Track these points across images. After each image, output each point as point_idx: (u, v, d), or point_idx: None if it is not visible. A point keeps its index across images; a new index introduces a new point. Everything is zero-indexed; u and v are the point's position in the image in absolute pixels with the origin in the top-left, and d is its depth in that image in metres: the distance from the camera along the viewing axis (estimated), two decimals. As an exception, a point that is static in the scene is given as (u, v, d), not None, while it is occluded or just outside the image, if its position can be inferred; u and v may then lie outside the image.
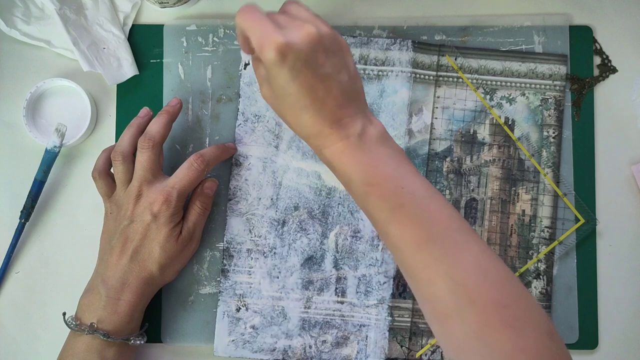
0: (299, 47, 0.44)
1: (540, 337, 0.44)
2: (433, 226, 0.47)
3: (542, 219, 0.61)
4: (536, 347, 0.43)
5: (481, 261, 0.46)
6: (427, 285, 0.46)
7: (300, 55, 0.44)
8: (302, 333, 0.60)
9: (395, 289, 0.60)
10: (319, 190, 0.61)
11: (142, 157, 0.56)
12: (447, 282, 0.45)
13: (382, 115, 0.61)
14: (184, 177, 0.56)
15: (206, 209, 0.58)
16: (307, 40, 0.45)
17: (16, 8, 0.62)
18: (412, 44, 0.61)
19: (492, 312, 0.44)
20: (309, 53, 0.45)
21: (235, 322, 0.60)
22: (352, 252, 0.60)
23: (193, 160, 0.56)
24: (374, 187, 0.47)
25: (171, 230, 0.55)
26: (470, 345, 0.44)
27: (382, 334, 0.60)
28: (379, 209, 0.48)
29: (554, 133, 0.61)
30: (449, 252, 0.46)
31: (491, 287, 0.45)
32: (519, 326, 0.44)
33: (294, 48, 0.44)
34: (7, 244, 0.61)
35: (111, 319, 0.54)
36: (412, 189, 0.48)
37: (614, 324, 0.61)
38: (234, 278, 0.60)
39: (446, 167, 0.61)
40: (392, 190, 0.47)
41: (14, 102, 0.62)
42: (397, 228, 0.47)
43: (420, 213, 0.47)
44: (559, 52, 0.62)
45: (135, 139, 0.57)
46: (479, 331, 0.44)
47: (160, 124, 0.57)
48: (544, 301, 0.60)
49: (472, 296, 0.44)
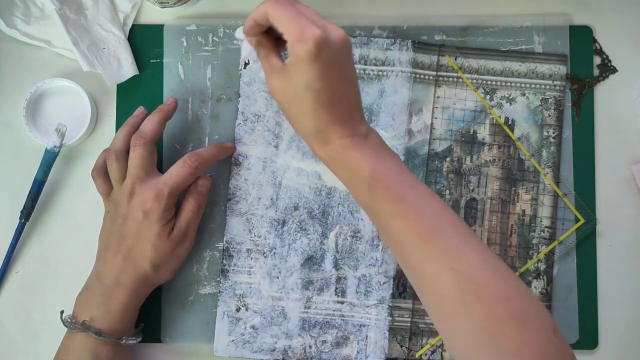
0: (335, 45, 0.45)
1: (545, 332, 0.44)
2: (435, 221, 0.47)
3: (542, 219, 0.61)
4: (541, 341, 0.43)
5: (484, 256, 0.46)
6: (432, 279, 0.46)
7: (333, 53, 0.45)
8: (302, 333, 0.60)
9: (395, 289, 0.60)
10: (319, 190, 0.61)
11: (134, 154, 0.56)
12: (453, 276, 0.45)
13: (382, 115, 0.61)
14: (176, 174, 0.55)
15: (200, 206, 0.58)
16: (342, 40, 0.46)
17: (16, 8, 0.62)
18: (412, 44, 0.61)
19: (498, 306, 0.44)
20: (340, 53, 0.46)
21: (235, 322, 0.60)
22: (352, 252, 0.60)
23: (187, 158, 0.56)
24: (379, 180, 0.48)
25: (162, 228, 0.55)
26: (476, 340, 0.44)
27: (382, 334, 0.60)
28: (384, 202, 0.48)
29: (554, 133, 0.61)
30: (454, 247, 0.46)
31: (496, 281, 0.45)
32: (525, 320, 0.44)
33: (330, 45, 0.45)
34: (7, 244, 0.61)
35: (104, 318, 0.54)
36: (413, 187, 0.49)
37: (614, 324, 0.61)
38: (233, 278, 0.60)
39: (446, 167, 0.61)
40: (395, 185, 0.48)
41: (14, 102, 0.62)
42: (401, 221, 0.47)
43: (424, 207, 0.48)
44: (559, 52, 0.62)
45: (129, 138, 0.57)
46: (486, 325, 0.44)
47: (154, 122, 0.57)
48: (544, 301, 0.60)
49: (478, 290, 0.45)
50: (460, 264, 0.45)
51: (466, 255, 0.46)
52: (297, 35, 0.45)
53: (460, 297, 0.45)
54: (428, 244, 0.46)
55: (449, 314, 0.46)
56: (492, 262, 0.46)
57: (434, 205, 0.48)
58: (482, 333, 0.44)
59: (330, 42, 0.45)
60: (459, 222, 0.48)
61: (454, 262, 0.45)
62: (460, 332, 0.45)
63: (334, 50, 0.45)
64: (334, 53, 0.45)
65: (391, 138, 0.61)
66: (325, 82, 0.46)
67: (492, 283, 0.45)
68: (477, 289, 0.45)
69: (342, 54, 0.46)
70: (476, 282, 0.45)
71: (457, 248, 0.46)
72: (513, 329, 0.43)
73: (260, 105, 0.61)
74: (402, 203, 0.48)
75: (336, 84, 0.47)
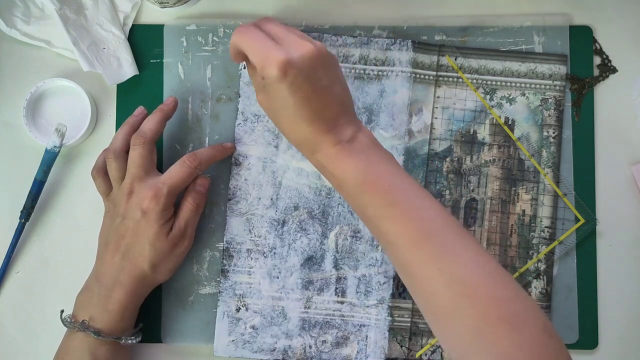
0: (300, 64, 0.47)
1: (537, 334, 0.44)
2: (427, 223, 0.47)
3: (542, 219, 0.61)
4: (533, 343, 0.43)
5: (477, 258, 0.46)
6: (424, 282, 0.47)
7: (300, 72, 0.47)
8: (302, 333, 0.60)
9: (395, 289, 0.60)
10: (318, 190, 0.61)
11: (133, 153, 0.56)
12: (444, 278, 0.45)
13: (382, 115, 0.61)
14: (175, 174, 0.56)
15: (198, 205, 0.58)
16: (307, 57, 0.47)
17: (16, 8, 0.62)
18: (412, 44, 0.61)
19: (490, 307, 0.44)
20: (308, 69, 0.47)
21: (235, 322, 0.60)
22: (352, 252, 0.60)
23: (185, 158, 0.56)
24: (367, 185, 0.49)
25: (161, 227, 0.55)
26: (468, 341, 0.44)
27: (382, 334, 0.59)
28: (373, 206, 0.48)
29: (554, 133, 0.61)
30: (445, 249, 0.46)
31: (489, 283, 0.45)
32: (516, 322, 0.44)
33: (294, 65, 0.46)
34: (7, 244, 0.61)
35: (102, 317, 0.54)
36: (404, 188, 0.49)
37: (614, 324, 0.61)
38: (233, 278, 0.60)
39: (446, 167, 0.61)
40: (386, 188, 0.48)
41: (14, 102, 0.62)
42: (392, 224, 0.48)
43: (413, 210, 0.48)
44: (559, 52, 0.62)
45: (129, 137, 0.57)
46: (477, 326, 0.44)
47: (153, 121, 0.57)
48: (544, 301, 0.60)
49: (470, 291, 0.45)
50: (452, 265, 0.45)
51: (460, 257, 0.46)
52: (262, 62, 0.47)
53: (451, 299, 0.45)
54: (420, 247, 0.47)
55: (442, 316, 0.46)
56: (488, 264, 0.46)
57: (427, 207, 0.48)
58: (475, 334, 0.44)
59: (294, 62, 0.46)
60: (454, 224, 0.48)
61: (444, 265, 0.46)
62: (454, 333, 0.45)
63: (301, 68, 0.47)
64: (301, 71, 0.47)
65: (391, 138, 0.61)
66: (299, 98, 0.48)
67: (485, 285, 0.45)
68: (468, 291, 0.45)
69: (311, 69, 0.47)
70: (469, 283, 0.45)
71: (451, 251, 0.46)
72: (505, 330, 0.43)
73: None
74: (390, 207, 0.48)
75: (312, 97, 0.48)
